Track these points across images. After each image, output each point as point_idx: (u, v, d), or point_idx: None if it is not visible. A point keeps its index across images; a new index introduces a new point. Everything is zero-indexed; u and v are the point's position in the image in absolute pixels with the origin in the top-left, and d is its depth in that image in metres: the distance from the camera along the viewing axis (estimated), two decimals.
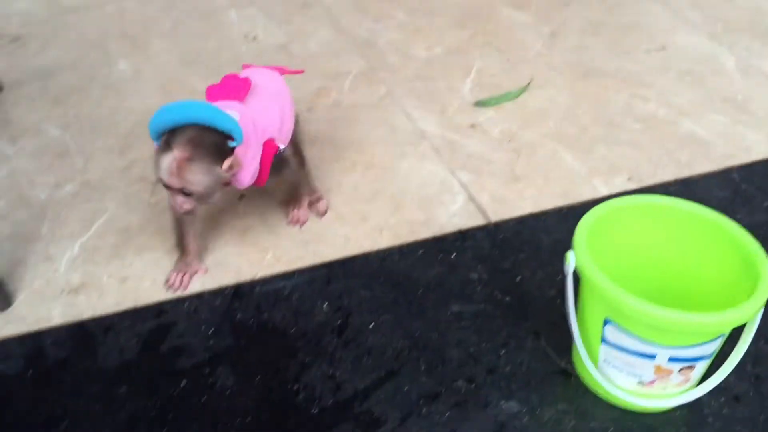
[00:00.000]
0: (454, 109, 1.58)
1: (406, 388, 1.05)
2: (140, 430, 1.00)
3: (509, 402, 1.02)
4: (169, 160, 1.06)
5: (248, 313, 1.16)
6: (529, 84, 1.64)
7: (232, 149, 1.10)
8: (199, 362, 1.08)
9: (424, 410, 1.01)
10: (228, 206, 1.34)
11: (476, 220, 1.31)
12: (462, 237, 1.28)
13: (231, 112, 1.12)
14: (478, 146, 1.48)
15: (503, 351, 1.09)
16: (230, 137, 1.10)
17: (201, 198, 1.11)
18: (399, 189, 1.38)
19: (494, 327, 1.12)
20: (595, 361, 1.00)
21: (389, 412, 1.02)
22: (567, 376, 1.06)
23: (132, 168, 1.41)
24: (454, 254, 1.24)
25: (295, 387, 1.05)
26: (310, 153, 1.45)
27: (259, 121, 1.17)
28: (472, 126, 1.53)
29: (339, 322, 1.14)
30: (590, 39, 1.80)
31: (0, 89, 1.59)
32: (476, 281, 1.20)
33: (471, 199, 1.35)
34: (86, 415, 1.01)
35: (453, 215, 1.32)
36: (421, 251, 1.26)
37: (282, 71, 1.34)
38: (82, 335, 1.12)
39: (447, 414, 1.01)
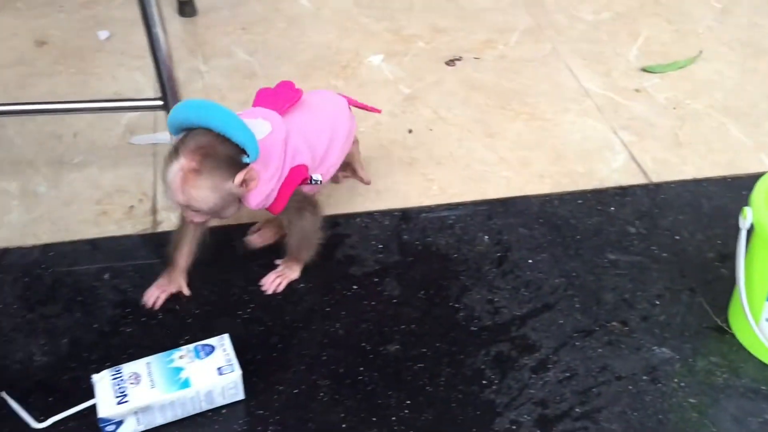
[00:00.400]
0: (620, 73, 1.60)
1: (560, 321, 1.10)
2: (315, 321, 1.09)
3: (662, 348, 1.06)
4: (175, 170, 0.95)
5: (414, 235, 1.23)
6: (698, 55, 1.64)
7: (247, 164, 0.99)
8: (369, 272, 1.17)
9: (577, 343, 1.07)
10: (399, 138, 1.42)
11: (637, 179, 1.34)
12: (622, 192, 1.31)
13: (260, 123, 1.03)
14: (642, 110, 1.50)
15: (658, 301, 1.13)
16: (245, 152, 0.98)
17: (211, 214, 1.01)
18: (560, 141, 1.42)
19: (650, 278, 1.16)
20: (756, 319, 1.02)
21: (544, 341, 1.07)
22: (722, 332, 1.08)
23: None
24: (613, 207, 1.28)
25: (456, 305, 1.12)
26: (477, 99, 1.52)
27: (294, 141, 1.06)
28: (637, 90, 1.55)
29: (498, 254, 1.20)
30: (764, 19, 1.77)
31: (195, 13, 1.72)
32: (633, 235, 1.23)
33: (632, 158, 1.38)
34: (268, 304, 1.11)
35: (613, 171, 1.35)
36: (580, 201, 1.30)
37: (351, 102, 1.21)
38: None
39: (599, 350, 1.06)
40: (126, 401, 0.92)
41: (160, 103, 1.21)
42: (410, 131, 1.44)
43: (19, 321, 1.07)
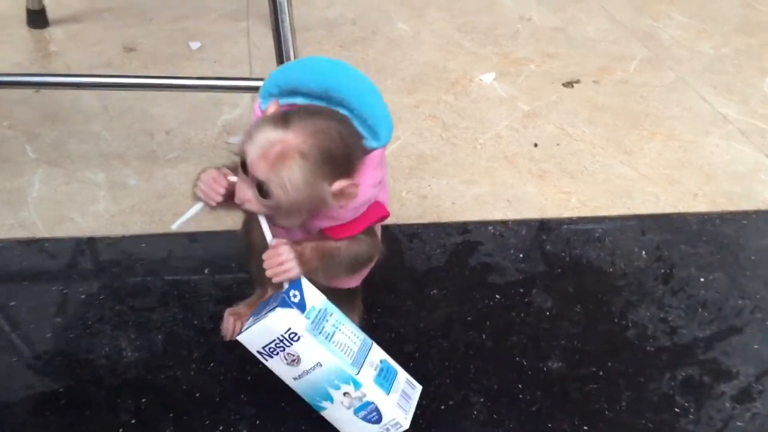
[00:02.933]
0: (757, 101, 1.45)
1: (755, 345, 0.91)
2: (456, 330, 0.91)
3: None
4: (274, 137, 0.71)
5: (558, 247, 1.06)
6: None
7: (350, 168, 0.74)
8: (511, 281, 0.99)
9: None
10: (523, 151, 1.26)
11: None
12: None
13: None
14: None
15: None
16: (367, 140, 0.76)
17: (279, 208, 0.74)
18: (707, 162, 1.26)
19: None
20: None
21: (740, 366, 0.88)
22: None
23: (420, 107, 1.37)
24: None
25: (623, 322, 0.93)
26: (604, 119, 1.37)
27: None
28: None
29: (663, 271, 1.02)
30: None
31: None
32: None
33: None
34: (400, 309, 0.93)
35: None
36: (745, 221, 1.13)
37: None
38: (389, 237, 1.05)
39: None
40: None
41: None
42: (536, 145, 1.28)
43: (107, 313, 0.90)
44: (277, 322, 0.72)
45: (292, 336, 0.72)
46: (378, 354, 0.77)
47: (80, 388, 0.81)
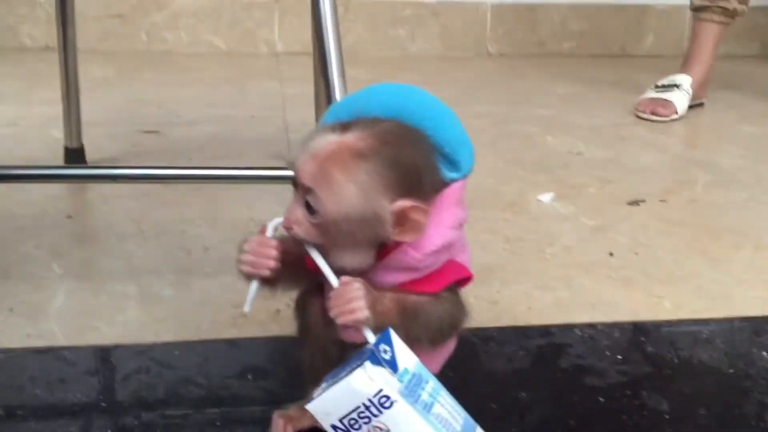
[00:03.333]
0: None
1: None
2: None
3: None
4: (330, 139, 0.61)
5: (662, 348, 0.90)
6: None
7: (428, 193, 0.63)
8: (613, 383, 0.83)
9: None
10: (598, 259, 1.13)
11: None
12: None
13: None
14: None
15: None
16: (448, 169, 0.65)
17: (327, 232, 0.62)
18: None
19: None
20: None
21: None
22: None
23: (477, 223, 1.26)
24: None
25: (762, 425, 0.76)
26: (680, 231, 1.25)
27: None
28: None
29: None
30: None
31: None
32: None
33: None
34: (485, 413, 0.76)
35: None
36: None
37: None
38: (459, 340, 0.90)
39: None
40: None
41: None
42: (611, 254, 1.16)
43: (131, 422, 0.74)
44: (364, 382, 0.56)
45: (383, 401, 0.56)
46: None
47: None
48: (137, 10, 2.44)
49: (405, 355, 0.60)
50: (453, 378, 0.71)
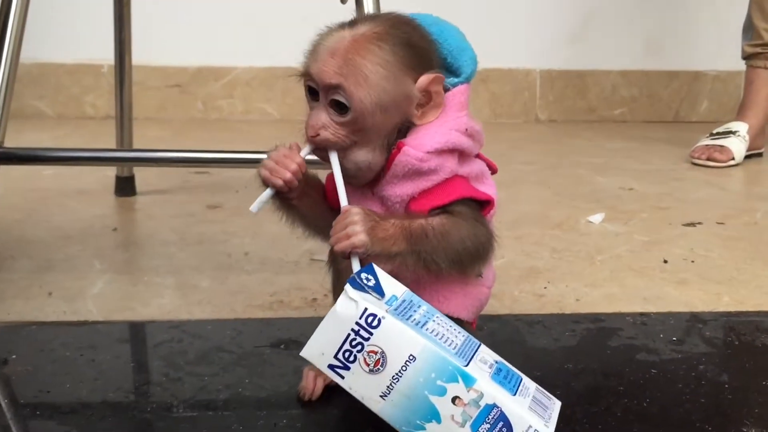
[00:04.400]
0: None
1: None
2: (605, 398, 0.68)
3: None
4: (342, 35, 0.62)
5: (719, 333, 0.85)
6: None
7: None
8: (668, 359, 0.77)
9: None
10: (652, 265, 1.08)
11: None
12: None
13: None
14: None
15: None
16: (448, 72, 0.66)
17: (359, 127, 0.61)
18: None
19: None
20: None
21: None
22: None
23: (524, 238, 1.22)
24: None
25: None
26: (738, 245, 1.21)
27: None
28: None
29: None
30: None
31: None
32: None
33: None
34: (535, 379, 0.72)
35: None
36: None
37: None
38: (500, 321, 0.86)
39: None
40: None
41: None
42: (665, 261, 1.10)
43: (159, 378, 0.72)
44: (347, 305, 0.54)
45: (370, 320, 0.54)
46: (492, 355, 0.57)
47: None
48: (195, 79, 2.53)
49: (391, 284, 0.57)
50: (493, 348, 0.67)
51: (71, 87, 2.48)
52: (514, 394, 0.54)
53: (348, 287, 0.55)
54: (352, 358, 0.55)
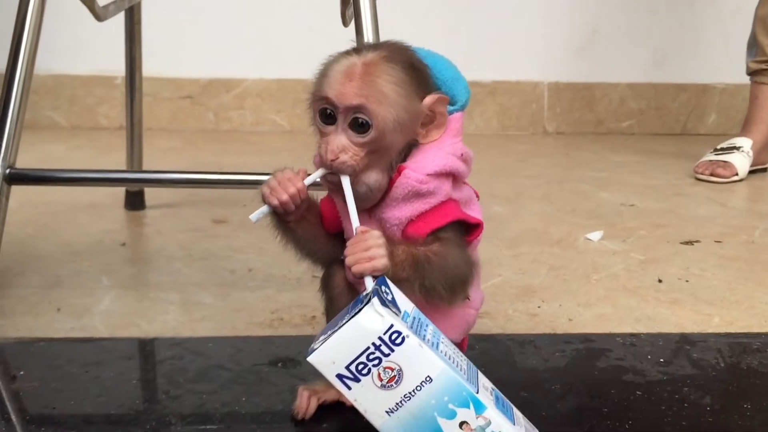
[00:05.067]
0: None
1: None
2: (589, 420, 0.71)
3: None
4: (352, 61, 0.64)
5: (707, 354, 0.86)
6: None
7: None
8: (654, 381, 0.79)
9: None
10: (646, 285, 1.10)
11: None
12: None
13: None
14: None
15: None
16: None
17: (377, 144, 0.64)
18: None
19: None
20: None
21: None
22: None
23: (522, 256, 1.25)
24: None
25: None
26: (735, 265, 1.23)
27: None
28: None
29: None
30: None
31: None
32: None
33: None
34: (515, 399, 0.75)
35: None
36: None
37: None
38: (493, 341, 0.88)
39: None
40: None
41: None
42: (660, 281, 1.12)
43: (159, 396, 0.75)
44: (374, 319, 0.55)
45: (394, 337, 0.55)
46: (487, 381, 0.59)
47: None
48: (207, 91, 2.57)
49: (403, 300, 0.59)
50: (483, 371, 0.70)
51: (85, 98, 2.53)
52: (514, 424, 0.56)
53: (375, 301, 0.56)
54: (365, 371, 0.56)
